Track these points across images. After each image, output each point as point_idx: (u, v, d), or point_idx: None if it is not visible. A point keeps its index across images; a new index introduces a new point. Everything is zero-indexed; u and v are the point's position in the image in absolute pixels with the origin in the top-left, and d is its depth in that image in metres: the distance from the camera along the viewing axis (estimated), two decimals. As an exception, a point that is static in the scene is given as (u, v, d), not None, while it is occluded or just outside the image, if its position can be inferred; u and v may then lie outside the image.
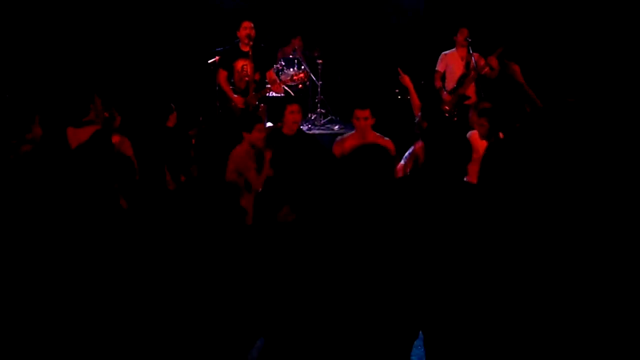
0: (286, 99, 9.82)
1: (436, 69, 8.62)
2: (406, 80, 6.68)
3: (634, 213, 3.70)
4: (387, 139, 6.36)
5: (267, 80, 7.69)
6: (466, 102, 8.20)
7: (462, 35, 8.41)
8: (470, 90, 8.36)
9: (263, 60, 7.63)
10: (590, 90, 8.55)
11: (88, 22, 9.81)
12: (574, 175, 3.86)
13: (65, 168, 5.80)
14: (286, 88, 9.77)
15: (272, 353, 3.68)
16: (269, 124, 8.78)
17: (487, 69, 8.13)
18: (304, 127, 10.12)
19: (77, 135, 5.99)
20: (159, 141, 6.77)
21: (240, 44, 7.57)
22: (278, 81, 7.82)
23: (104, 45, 9.86)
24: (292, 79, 8.38)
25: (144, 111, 7.24)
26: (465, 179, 4.28)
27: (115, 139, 6.38)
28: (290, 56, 10.30)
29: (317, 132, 9.96)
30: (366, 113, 6.30)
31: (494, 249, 3.71)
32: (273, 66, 8.21)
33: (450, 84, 8.46)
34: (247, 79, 7.47)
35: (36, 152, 5.93)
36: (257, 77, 7.57)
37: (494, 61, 8.09)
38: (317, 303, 3.54)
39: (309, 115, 10.41)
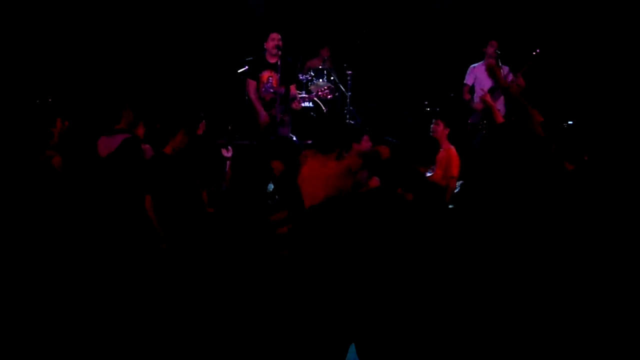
0: (315, 110, 9.89)
1: (464, 82, 8.61)
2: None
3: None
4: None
5: (290, 95, 7.75)
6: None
7: (492, 48, 8.37)
8: (500, 103, 8.33)
9: (288, 74, 7.68)
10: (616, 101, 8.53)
11: (119, 31, 9.98)
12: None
13: (95, 176, 5.93)
14: (316, 99, 9.81)
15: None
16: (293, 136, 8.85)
17: (514, 85, 8.12)
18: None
19: (108, 144, 6.08)
20: (188, 149, 6.83)
21: (266, 55, 7.64)
22: (298, 97, 7.86)
23: (134, 54, 10.02)
24: (317, 93, 8.44)
25: (173, 119, 7.33)
26: None
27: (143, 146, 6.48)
28: (320, 67, 10.34)
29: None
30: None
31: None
32: (297, 79, 8.22)
33: (479, 97, 8.44)
34: (272, 90, 7.53)
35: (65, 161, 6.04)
36: (282, 89, 7.63)
37: (520, 79, 8.09)
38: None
39: (338, 126, 10.45)
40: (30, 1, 9.61)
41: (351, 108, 10.42)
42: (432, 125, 6.90)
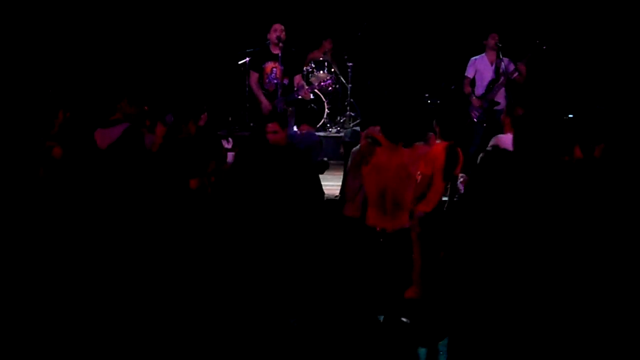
0: (317, 102, 9.88)
1: (465, 74, 8.58)
2: None
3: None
4: None
5: (295, 85, 7.73)
6: (496, 108, 8.18)
7: (493, 40, 8.35)
8: (500, 96, 8.32)
9: (292, 65, 7.67)
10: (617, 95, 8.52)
11: (118, 22, 9.96)
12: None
13: (97, 167, 5.91)
14: (317, 91, 9.80)
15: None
16: (295, 129, 8.85)
17: (516, 74, 8.12)
18: (333, 130, 10.18)
19: (107, 135, 6.04)
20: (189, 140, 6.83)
21: (270, 46, 7.62)
22: (306, 87, 7.83)
23: (135, 45, 10.00)
24: (319, 84, 8.42)
25: (176, 110, 7.33)
26: None
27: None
28: (321, 59, 10.33)
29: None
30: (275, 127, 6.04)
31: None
32: (303, 70, 8.24)
33: (480, 89, 8.43)
34: (275, 81, 7.52)
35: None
36: (285, 80, 7.63)
37: (522, 67, 8.09)
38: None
39: (338, 118, 10.45)
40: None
41: (352, 100, 10.41)
42: None
